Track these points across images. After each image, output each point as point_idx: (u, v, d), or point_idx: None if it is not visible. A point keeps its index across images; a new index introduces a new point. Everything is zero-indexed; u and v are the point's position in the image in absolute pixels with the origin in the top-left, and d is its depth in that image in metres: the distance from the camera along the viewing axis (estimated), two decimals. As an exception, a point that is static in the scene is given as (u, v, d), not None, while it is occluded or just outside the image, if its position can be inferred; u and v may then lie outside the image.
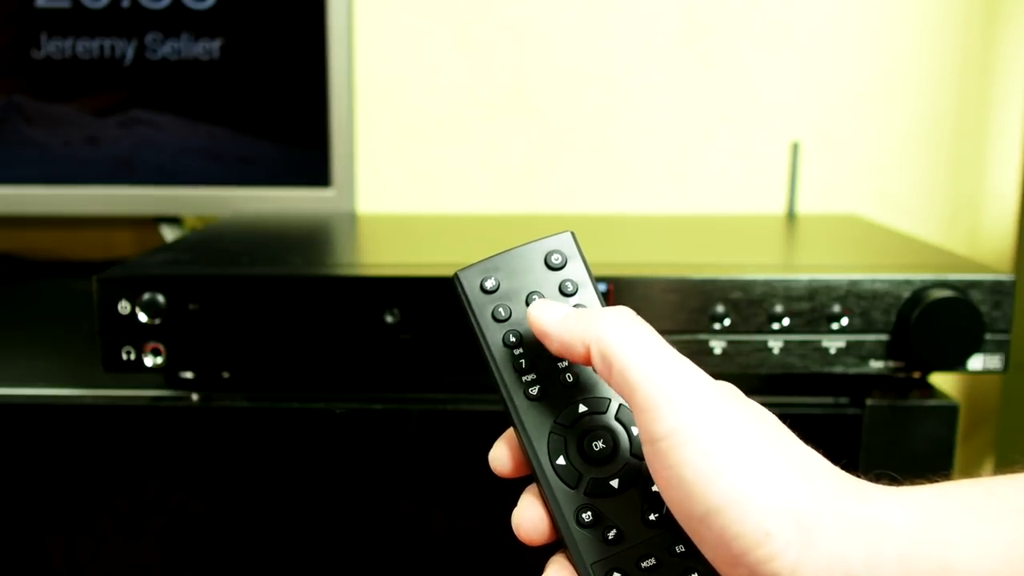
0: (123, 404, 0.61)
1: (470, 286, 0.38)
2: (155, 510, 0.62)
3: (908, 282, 0.59)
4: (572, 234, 0.39)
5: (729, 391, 0.33)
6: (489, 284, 0.38)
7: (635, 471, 0.36)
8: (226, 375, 0.63)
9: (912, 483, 0.31)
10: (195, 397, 0.62)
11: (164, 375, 0.63)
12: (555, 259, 0.38)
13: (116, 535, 0.62)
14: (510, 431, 0.37)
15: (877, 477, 0.32)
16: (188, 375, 0.63)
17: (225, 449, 0.61)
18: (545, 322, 0.36)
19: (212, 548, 0.62)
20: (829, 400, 0.61)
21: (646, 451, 0.33)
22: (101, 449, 0.61)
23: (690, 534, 0.32)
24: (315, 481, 0.61)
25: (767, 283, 0.59)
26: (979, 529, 0.29)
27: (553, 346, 0.36)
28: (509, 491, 0.39)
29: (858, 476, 0.32)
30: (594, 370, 0.35)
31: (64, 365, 0.67)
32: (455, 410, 0.60)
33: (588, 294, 0.38)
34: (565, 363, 0.37)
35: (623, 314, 0.35)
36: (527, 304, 0.38)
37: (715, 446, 0.31)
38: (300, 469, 0.61)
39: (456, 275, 0.38)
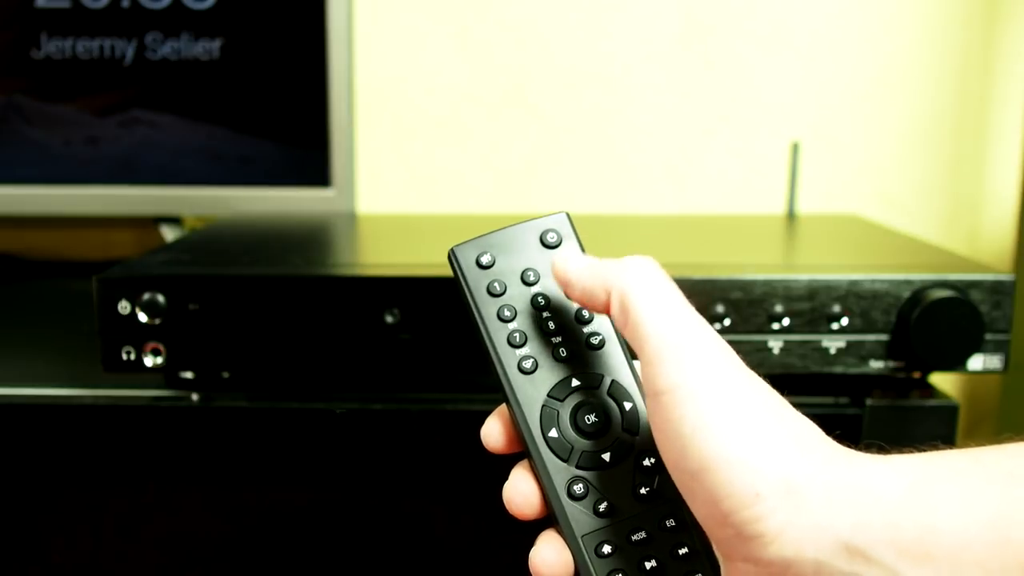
0: (123, 404, 0.61)
1: (466, 261, 0.38)
2: (155, 510, 0.62)
3: (908, 282, 0.59)
4: (567, 214, 0.39)
5: (735, 357, 0.34)
6: (485, 260, 0.38)
7: (627, 445, 0.36)
8: (226, 375, 0.63)
9: (900, 452, 0.32)
10: (195, 397, 0.62)
11: (164, 375, 0.63)
12: (550, 238, 0.39)
13: (116, 535, 0.62)
14: (502, 407, 0.38)
15: (867, 447, 0.33)
16: (188, 375, 0.63)
17: (225, 449, 0.61)
18: (569, 269, 0.36)
19: (212, 548, 0.62)
20: (829, 400, 0.61)
21: (648, 404, 0.33)
22: (101, 449, 0.61)
23: (682, 491, 0.32)
24: (315, 481, 0.61)
25: (767, 283, 0.59)
26: (965, 495, 0.29)
27: (575, 293, 0.36)
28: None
29: (850, 447, 0.32)
30: (611, 318, 0.35)
31: (64, 365, 0.67)
32: (455, 410, 0.60)
33: None
34: (559, 339, 0.38)
35: (647, 265, 0.35)
36: (522, 281, 0.38)
37: (714, 405, 0.31)
38: (300, 469, 0.61)
39: (452, 251, 0.38)
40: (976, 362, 0.59)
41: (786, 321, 0.59)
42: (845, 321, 0.59)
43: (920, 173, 1.00)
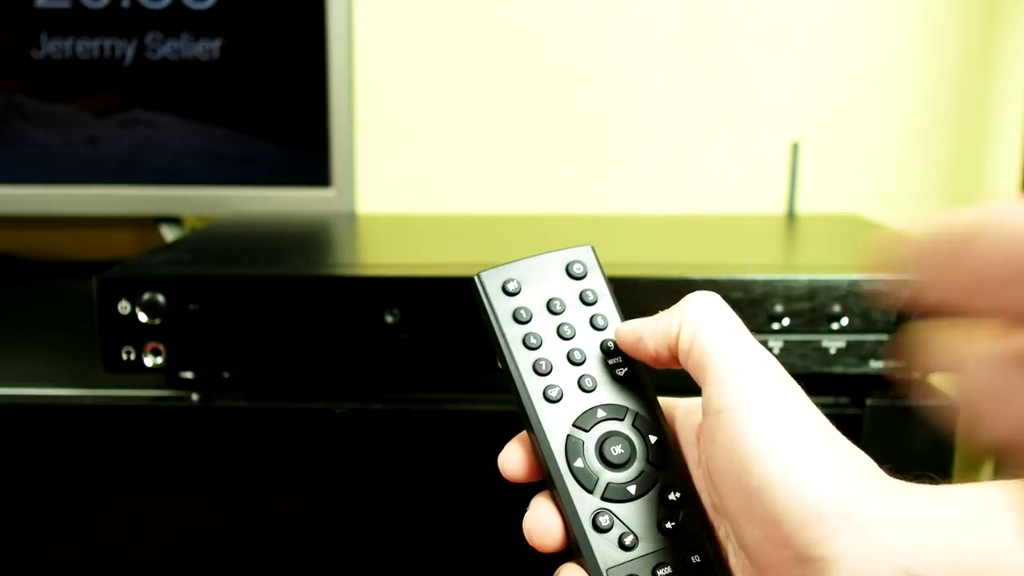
0: (123, 404, 0.61)
1: (492, 288, 0.38)
2: (155, 510, 0.62)
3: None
4: (592, 247, 0.40)
5: (795, 383, 0.34)
6: (511, 287, 0.38)
7: (652, 479, 0.36)
8: (226, 375, 0.63)
9: (948, 482, 0.32)
10: (195, 397, 0.62)
11: (164, 375, 0.63)
12: (577, 268, 0.39)
13: (116, 535, 0.62)
14: (522, 434, 0.37)
15: (916, 477, 0.33)
16: (188, 375, 0.63)
17: (225, 449, 0.61)
18: (635, 326, 0.36)
19: (212, 548, 0.62)
20: (829, 400, 0.61)
21: (707, 423, 0.33)
22: (101, 449, 0.61)
23: (737, 514, 0.32)
24: (315, 481, 0.61)
25: (767, 283, 0.59)
26: (1019, 522, 0.29)
27: (649, 346, 0.36)
28: (509, 491, 0.39)
29: (902, 479, 0.32)
30: (675, 349, 0.35)
31: (64, 365, 0.67)
32: (455, 410, 0.60)
33: (608, 305, 0.38)
34: (585, 369, 0.37)
35: (712, 298, 0.36)
36: (549, 310, 0.38)
37: (777, 425, 0.31)
38: (300, 469, 0.61)
39: (477, 276, 0.38)
40: (976, 362, 0.59)
41: (786, 321, 0.59)
42: (845, 321, 0.59)
43: (920, 173, 1.00)
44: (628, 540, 0.35)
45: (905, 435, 0.60)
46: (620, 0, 0.97)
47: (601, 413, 0.37)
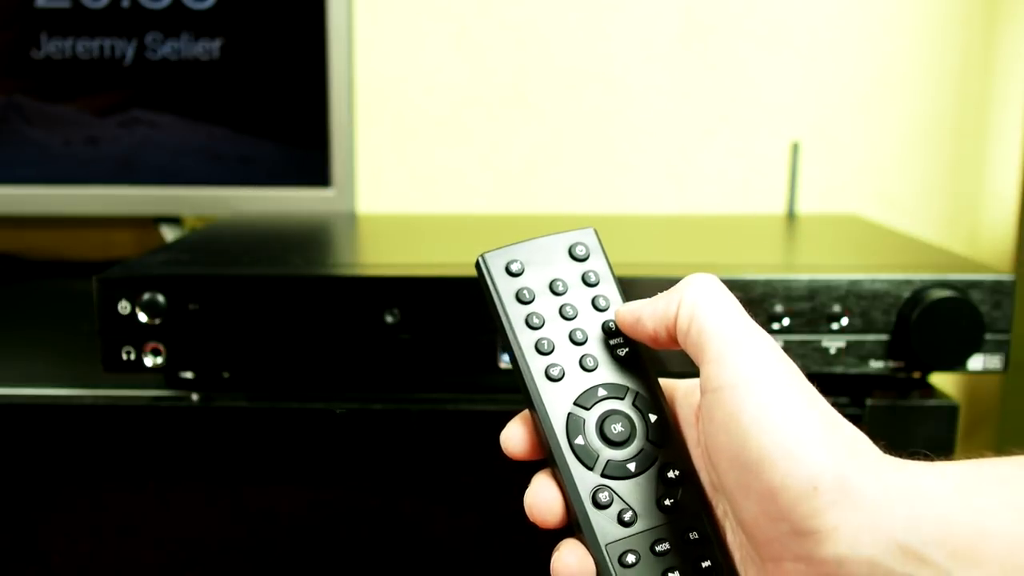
0: (123, 404, 0.61)
1: (495, 268, 0.39)
2: (155, 510, 0.62)
3: (908, 282, 0.59)
4: (594, 230, 0.40)
5: (792, 363, 0.35)
6: (515, 268, 0.39)
7: (651, 457, 0.37)
8: (226, 375, 0.63)
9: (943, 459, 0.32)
10: (195, 397, 0.62)
11: (164, 375, 0.63)
12: (579, 250, 0.39)
13: (116, 535, 0.62)
14: (524, 412, 0.38)
15: (911, 455, 0.33)
16: (188, 375, 0.63)
17: (225, 449, 0.61)
18: (635, 307, 0.37)
19: (212, 548, 0.62)
20: (829, 400, 0.61)
21: (705, 401, 0.34)
22: (101, 449, 0.61)
23: (735, 490, 0.33)
24: (315, 481, 0.61)
25: (767, 283, 0.59)
26: (1013, 499, 0.30)
27: (648, 327, 0.37)
28: (509, 491, 0.39)
29: (897, 455, 0.33)
30: (673, 329, 0.36)
31: (64, 365, 0.67)
32: (455, 410, 0.60)
33: (609, 287, 0.39)
34: (586, 349, 0.38)
35: (711, 280, 0.36)
36: (551, 291, 0.38)
37: (774, 401, 0.32)
38: (300, 469, 0.61)
39: (481, 257, 0.39)
40: (976, 362, 0.59)
41: (786, 321, 0.59)
42: (845, 321, 0.59)
43: (920, 173, 1.00)
44: (627, 516, 0.35)
45: (905, 435, 0.60)
46: (620, 0, 0.97)
47: (602, 392, 0.37)
